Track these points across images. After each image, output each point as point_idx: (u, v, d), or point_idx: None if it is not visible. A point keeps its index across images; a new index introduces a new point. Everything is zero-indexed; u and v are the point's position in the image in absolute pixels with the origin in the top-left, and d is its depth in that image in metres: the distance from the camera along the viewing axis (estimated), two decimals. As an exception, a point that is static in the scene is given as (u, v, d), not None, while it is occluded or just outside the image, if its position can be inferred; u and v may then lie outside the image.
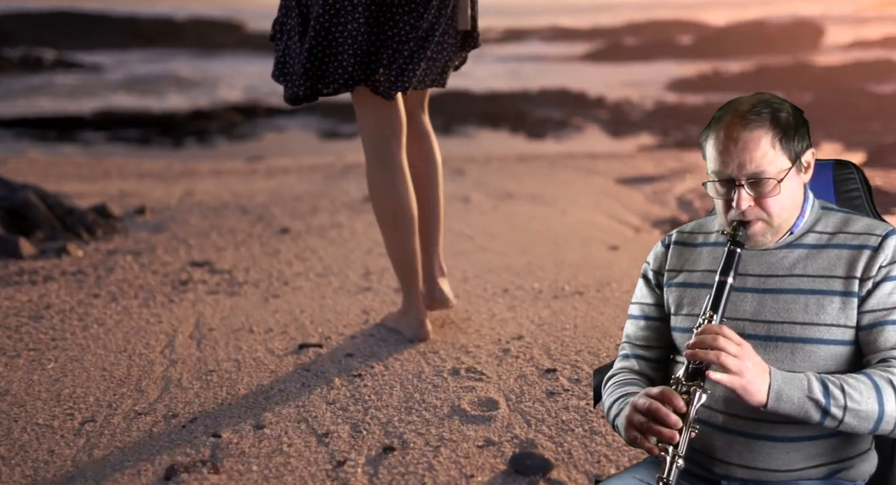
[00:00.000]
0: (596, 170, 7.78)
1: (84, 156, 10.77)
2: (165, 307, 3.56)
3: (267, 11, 22.76)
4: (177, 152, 10.98)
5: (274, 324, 3.31)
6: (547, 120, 11.97)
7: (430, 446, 2.25)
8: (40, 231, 4.91)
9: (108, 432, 2.38)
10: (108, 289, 3.81)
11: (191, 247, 4.68)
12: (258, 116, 12.72)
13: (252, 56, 24.81)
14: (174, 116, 12.37)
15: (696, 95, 14.15)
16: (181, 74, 19.81)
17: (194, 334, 3.21)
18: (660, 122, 11.93)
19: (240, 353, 2.99)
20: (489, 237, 4.90)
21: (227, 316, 3.43)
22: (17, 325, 3.29)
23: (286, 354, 2.97)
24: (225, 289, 3.84)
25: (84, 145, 11.62)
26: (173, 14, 31.76)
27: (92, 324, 3.32)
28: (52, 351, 3.02)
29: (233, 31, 28.92)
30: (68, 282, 3.92)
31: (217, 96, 15.65)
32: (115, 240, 4.89)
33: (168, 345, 3.09)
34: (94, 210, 5.36)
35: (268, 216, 5.59)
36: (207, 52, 25.45)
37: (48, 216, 5.05)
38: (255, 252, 4.56)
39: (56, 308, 3.51)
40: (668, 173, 7.61)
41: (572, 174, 7.56)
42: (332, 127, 12.10)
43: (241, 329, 3.26)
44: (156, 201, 6.19)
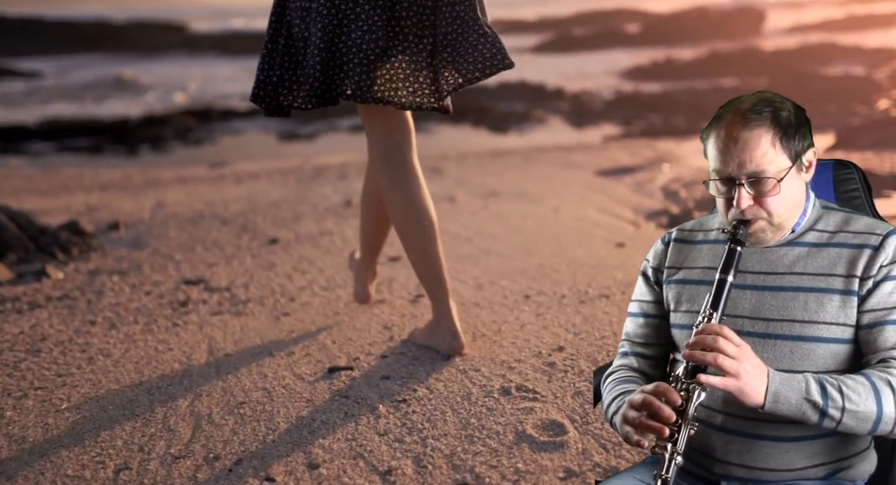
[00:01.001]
0: (573, 163, 7.68)
1: (34, 168, 10.33)
2: (171, 332, 3.33)
3: (209, 11, 22.50)
4: (132, 160, 10.61)
5: (293, 346, 3.11)
6: (510, 113, 11.84)
7: (507, 481, 2.08)
8: (13, 253, 4.61)
9: (148, 481, 2.17)
10: (103, 315, 3.56)
11: (179, 263, 4.44)
12: (213, 120, 12.34)
13: (198, 57, 24.22)
14: (126, 123, 11.93)
15: (652, 84, 14.15)
16: (126, 78, 19.23)
17: (210, 361, 3.00)
18: (621, 111, 11.89)
19: (266, 380, 2.78)
20: (488, 239, 4.74)
21: (239, 339, 3.22)
22: (15, 360, 3.04)
23: (317, 380, 2.77)
24: (229, 309, 3.62)
25: (32, 157, 11.17)
26: (111, 16, 30.85)
27: (97, 355, 3.08)
28: (62, 389, 2.78)
29: (175, 32, 28.17)
30: (57, 309, 3.66)
31: (168, 100, 15.19)
32: (93, 259, 4.62)
33: (185, 375, 2.87)
34: (66, 228, 5.07)
35: (250, 226, 5.35)
36: (150, 55, 24.77)
37: (20, 237, 4.75)
38: (248, 266, 4.33)
39: (53, 339, 3.26)
40: (646, 163, 7.55)
41: (550, 168, 7.45)
42: (291, 128, 11.81)
43: (260, 353, 3.05)
44: (127, 215, 5.90)
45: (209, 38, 27.21)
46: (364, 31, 2.55)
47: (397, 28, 2.59)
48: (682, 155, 8.12)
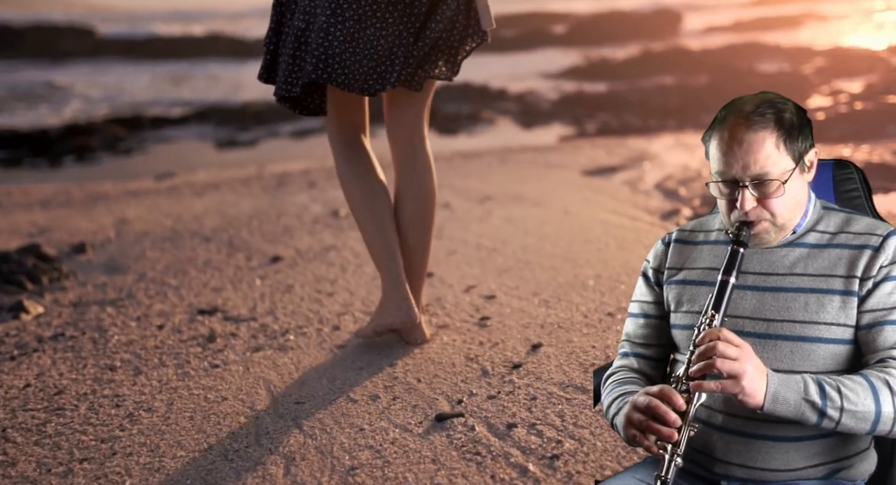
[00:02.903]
0: (552, 163, 7.33)
1: (-53, 184, 9.37)
2: (212, 376, 2.79)
3: (118, 15, 21.33)
4: (56, 173, 9.76)
5: (371, 387, 2.61)
6: (457, 115, 11.43)
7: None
8: (-27, 285, 3.95)
9: None
10: (119, 357, 2.98)
11: (177, 289, 3.86)
12: (143, 128, 11.50)
13: (110, 63, 22.89)
14: (46, 133, 10.98)
15: (593, 83, 13.96)
16: (36, 85, 17.99)
17: (281, 411, 2.48)
18: (570, 111, 11.63)
19: (366, 436, 2.29)
20: (516, 248, 4.31)
21: (300, 380, 2.71)
22: (38, 423, 2.46)
23: (428, 432, 2.29)
24: (267, 342, 3.09)
25: (-60, 173, 10.16)
26: (11, 20, 28.94)
27: (136, 411, 2.52)
28: (113, 459, 2.22)
29: (83, 36, 26.59)
30: (58, 352, 3.06)
31: (90, 108, 14.18)
32: (69, 288, 4.01)
33: (259, 431, 2.35)
34: (27, 252, 4.41)
35: (238, 243, 4.79)
36: (57, 61, 23.30)
37: (-21, 266, 4.09)
38: (262, 290, 3.79)
39: (72, 393, 2.68)
40: (627, 162, 7.25)
41: (532, 169, 7.07)
42: (228, 135, 11.10)
43: (336, 398, 2.55)
44: (89, 235, 5.24)
45: (119, 43, 25.84)
46: (377, 28, 2.68)
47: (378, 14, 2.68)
48: (657, 153, 7.87)
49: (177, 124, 11.93)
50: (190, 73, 20.70)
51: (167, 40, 26.70)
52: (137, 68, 22.03)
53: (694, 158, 7.10)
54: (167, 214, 5.88)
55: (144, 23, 41.52)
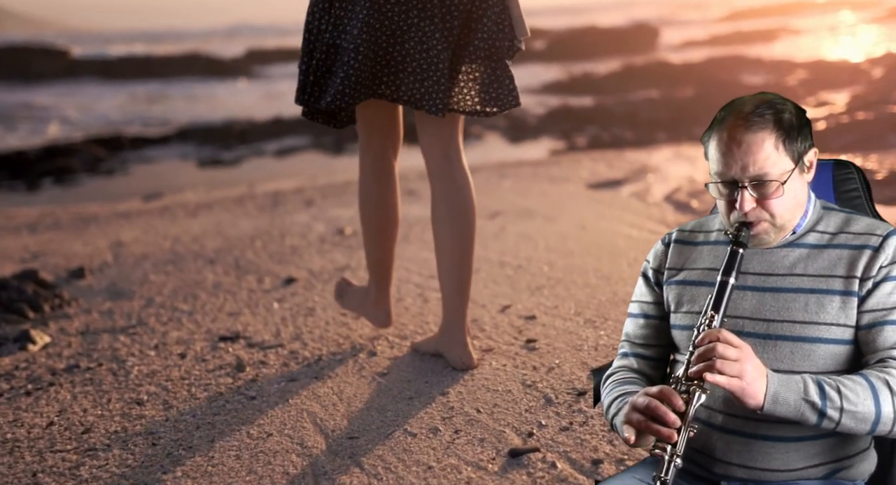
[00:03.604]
0: (555, 177, 7.18)
1: (-78, 208, 9.04)
2: (250, 408, 2.57)
3: (90, 36, 21.05)
4: (35, 196, 9.46)
5: (429, 419, 2.41)
6: (446, 131, 11.30)
7: None
8: (-28, 314, 3.70)
9: None
10: (145, 390, 2.76)
11: (191, 315, 3.64)
12: (124, 148, 11.21)
13: (86, 84, 22.47)
14: (24, 154, 10.66)
15: (578, 98, 13.89)
16: (10, 107, 17.59)
17: (335, 449, 2.27)
18: (557, 125, 11.53)
19: (435, 475, 2.09)
20: (542, 265, 4.14)
21: (349, 412, 2.50)
22: (71, 467, 2.23)
23: (506, 470, 2.10)
24: (302, 370, 2.88)
25: None
26: (-19, 43, 28.46)
27: (176, 450, 2.30)
28: (161, 508, 2.00)
29: (57, 57, 26.12)
30: (78, 385, 2.83)
31: (68, 129, 13.83)
32: (73, 315, 3.77)
33: (318, 471, 2.14)
34: (26, 278, 4.16)
35: (246, 265, 4.57)
36: (30, 82, 22.84)
37: (-23, 294, 3.83)
38: (281, 314, 3.58)
39: (101, 430, 2.45)
40: (630, 175, 7.13)
41: (536, 183, 6.92)
42: (211, 154, 10.86)
43: (393, 432, 2.34)
44: (85, 259, 4.99)
45: (94, 64, 25.43)
46: (416, 41, 2.62)
47: (450, 38, 2.66)
48: (658, 165, 7.76)
49: (157, 144, 11.66)
50: (165, 92, 20.41)
51: (141, 60, 26.35)
52: (112, 88, 21.68)
53: (698, 170, 6.99)
54: (164, 235, 5.64)
55: (117, 43, 40.99)
